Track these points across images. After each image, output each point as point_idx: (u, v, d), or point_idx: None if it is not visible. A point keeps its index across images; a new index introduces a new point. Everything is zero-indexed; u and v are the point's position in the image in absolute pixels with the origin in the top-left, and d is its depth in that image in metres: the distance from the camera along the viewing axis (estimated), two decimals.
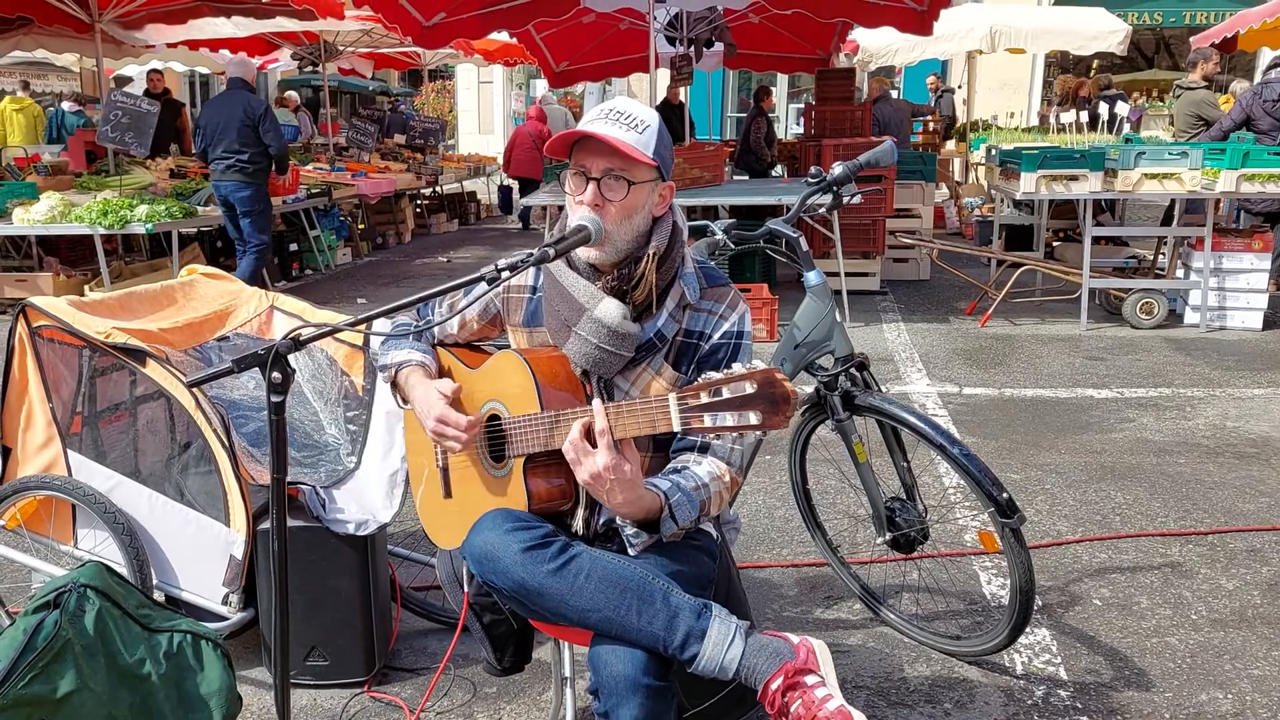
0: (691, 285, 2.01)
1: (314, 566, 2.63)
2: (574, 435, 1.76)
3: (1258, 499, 3.97)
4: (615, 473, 1.74)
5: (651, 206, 1.96)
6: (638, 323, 1.94)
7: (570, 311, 1.95)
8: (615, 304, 1.92)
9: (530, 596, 1.82)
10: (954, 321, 7.40)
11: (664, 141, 1.95)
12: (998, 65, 17.00)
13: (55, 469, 2.81)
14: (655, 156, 1.91)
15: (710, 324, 2.01)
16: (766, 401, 1.58)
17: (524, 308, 2.10)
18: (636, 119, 1.91)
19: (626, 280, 1.94)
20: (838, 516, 3.77)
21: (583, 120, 1.97)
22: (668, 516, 1.84)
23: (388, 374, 2.16)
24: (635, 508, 1.81)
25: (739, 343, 2.02)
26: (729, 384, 1.61)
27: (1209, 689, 2.68)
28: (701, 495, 1.89)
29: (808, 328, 2.95)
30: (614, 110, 1.92)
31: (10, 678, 1.95)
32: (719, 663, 1.78)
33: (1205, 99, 8.63)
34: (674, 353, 2.00)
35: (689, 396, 1.64)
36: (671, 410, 1.66)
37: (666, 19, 9.44)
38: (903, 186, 8.97)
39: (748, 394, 1.59)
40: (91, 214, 7.29)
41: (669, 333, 1.98)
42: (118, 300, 2.99)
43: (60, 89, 19.90)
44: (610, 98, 18.94)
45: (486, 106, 23.94)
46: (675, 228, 2.00)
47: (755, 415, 1.59)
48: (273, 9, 9.89)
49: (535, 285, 2.09)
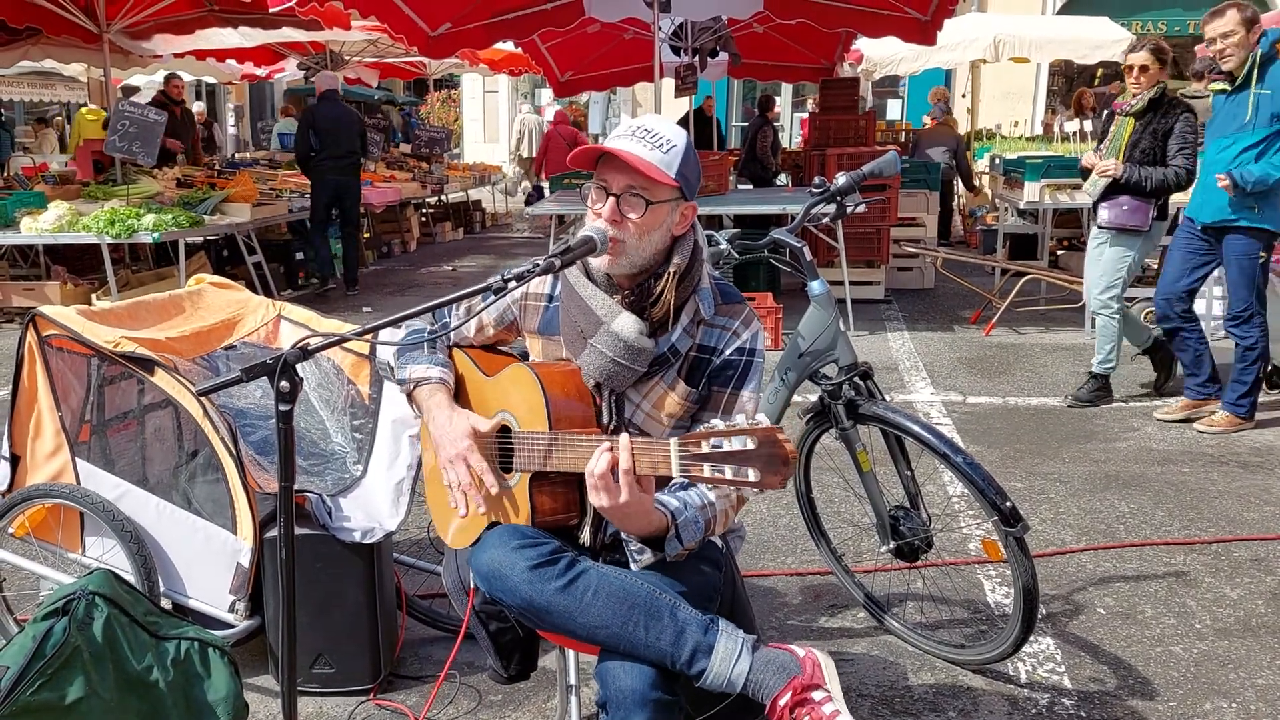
0: (707, 301, 2.02)
1: (320, 574, 2.64)
2: (602, 468, 1.74)
3: (1262, 508, 3.97)
4: (634, 506, 1.76)
5: (671, 225, 1.96)
6: (652, 338, 1.95)
7: (587, 323, 1.96)
8: (632, 319, 1.93)
9: (539, 614, 1.84)
10: (958, 330, 7.41)
11: (689, 162, 1.94)
12: (1001, 74, 17.01)
13: (64, 477, 2.82)
14: (678, 177, 1.91)
15: (723, 340, 2.02)
16: (765, 461, 1.59)
17: (540, 315, 2.11)
18: (663, 138, 1.91)
19: (645, 296, 1.95)
20: (842, 525, 3.77)
21: (611, 135, 1.98)
22: (673, 537, 1.85)
23: (406, 387, 2.14)
24: (645, 529, 1.84)
25: (750, 360, 2.02)
26: (731, 436, 1.61)
27: (1213, 698, 2.68)
28: (707, 515, 1.90)
29: (811, 337, 2.96)
30: (642, 128, 1.93)
31: (19, 684, 1.96)
32: (726, 678, 1.79)
33: (1208, 109, 8.62)
34: (687, 367, 2.01)
35: (690, 444, 1.65)
36: (672, 456, 1.67)
37: (671, 29, 9.47)
38: (907, 195, 8.99)
39: (748, 449, 1.59)
40: (99, 223, 7.32)
41: (683, 348, 1.99)
42: (126, 309, 3.01)
43: (69, 98, 20.00)
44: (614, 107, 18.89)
45: (492, 116, 23.99)
46: (696, 246, 2.01)
47: (753, 472, 1.59)
48: (279, 19, 9.93)
49: (552, 294, 2.10)
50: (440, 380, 2.11)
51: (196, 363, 2.96)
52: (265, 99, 23.67)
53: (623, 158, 1.87)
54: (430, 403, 2.08)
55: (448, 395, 2.10)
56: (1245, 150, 4.72)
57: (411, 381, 2.13)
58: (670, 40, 9.61)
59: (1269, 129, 4.66)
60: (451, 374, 2.15)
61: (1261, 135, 4.67)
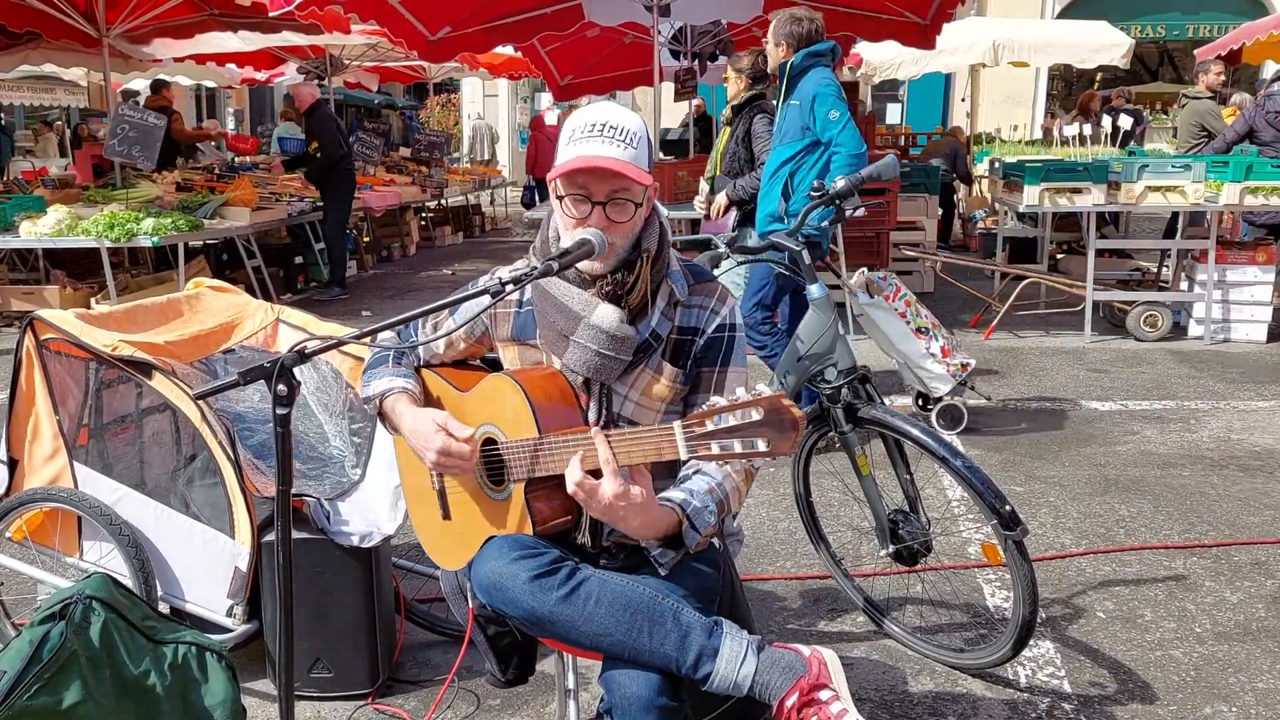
0: (679, 283, 2.01)
1: (318, 579, 2.63)
2: (577, 477, 1.72)
3: (1262, 511, 3.97)
4: (625, 499, 1.73)
5: (644, 212, 1.97)
6: (632, 325, 1.95)
7: (566, 321, 1.95)
8: (611, 309, 1.92)
9: (541, 624, 1.82)
10: (958, 334, 7.40)
11: (651, 146, 1.95)
12: (1001, 78, 17.02)
13: (61, 481, 2.82)
14: (649, 167, 1.92)
15: (703, 319, 2.01)
16: (774, 427, 1.58)
17: (511, 321, 2.07)
18: (629, 132, 1.88)
19: (620, 285, 1.94)
20: (841, 529, 3.77)
21: (573, 136, 1.91)
22: (689, 528, 1.83)
23: (372, 405, 2.10)
24: (653, 529, 1.81)
25: (733, 335, 2.01)
26: (735, 410, 1.60)
27: (1213, 702, 2.68)
28: (717, 495, 1.89)
29: (811, 340, 2.96)
30: (607, 126, 1.88)
31: (16, 689, 1.96)
32: (733, 680, 1.78)
33: (1209, 110, 8.64)
34: (670, 350, 2.00)
35: (694, 424, 1.63)
36: (678, 438, 1.66)
37: (670, 33, 9.47)
38: (907, 199, 8.98)
39: (754, 420, 1.58)
40: (98, 227, 7.32)
41: (663, 331, 1.98)
42: (124, 313, 3.01)
43: (69, 102, 20.02)
44: None
45: (492, 119, 24.02)
46: (662, 227, 2.00)
47: (763, 441, 1.58)
48: (279, 23, 9.93)
49: (522, 299, 2.06)
50: (403, 390, 2.06)
51: (195, 366, 2.96)
52: (265, 103, 23.71)
53: (605, 166, 1.85)
54: (397, 410, 2.04)
55: (412, 400, 2.05)
56: (784, 164, 4.75)
57: (375, 397, 2.08)
58: (670, 44, 9.62)
59: (801, 141, 4.69)
60: (417, 384, 2.10)
61: (796, 149, 4.71)
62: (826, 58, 4.75)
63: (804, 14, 4.87)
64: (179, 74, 14.22)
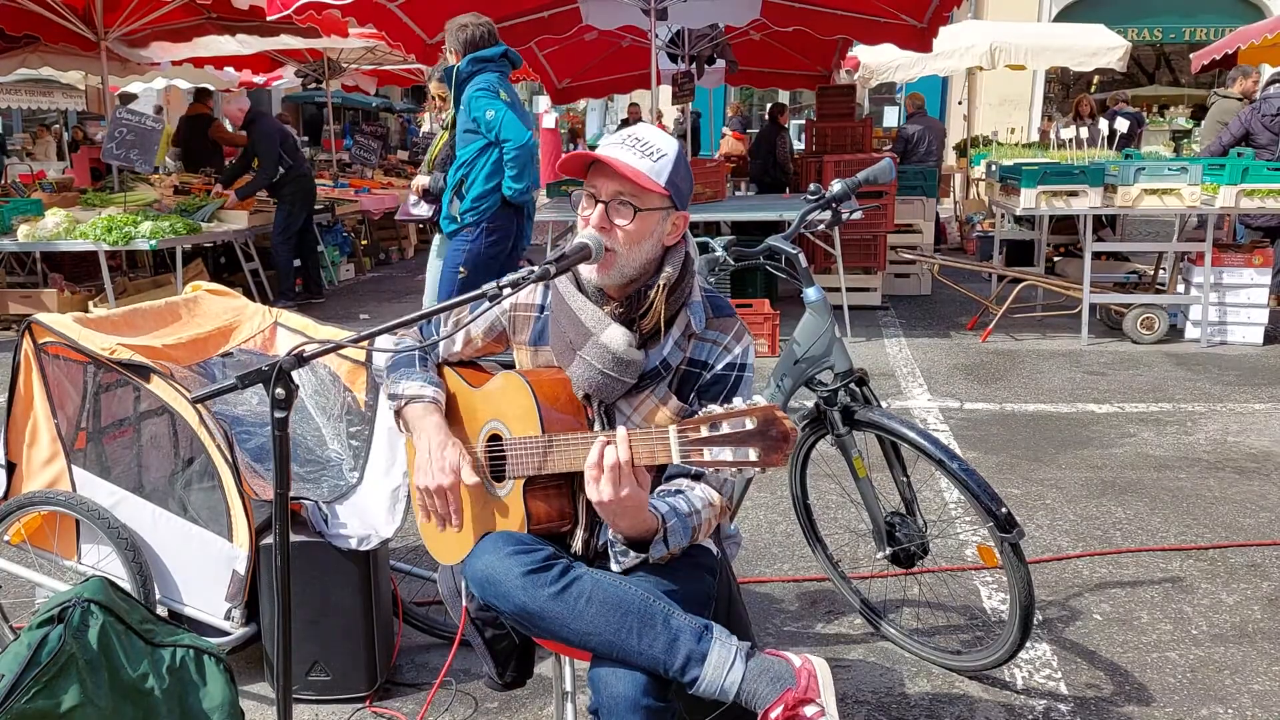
0: (698, 314, 2.01)
1: (316, 582, 2.64)
2: (609, 459, 1.73)
3: (1258, 514, 3.98)
4: (631, 500, 1.75)
5: (662, 235, 1.96)
6: (643, 350, 1.95)
7: (576, 334, 1.96)
8: (621, 331, 1.92)
9: (532, 620, 1.83)
10: (955, 337, 7.42)
11: (680, 171, 1.93)
12: (998, 81, 17.06)
13: (60, 484, 2.82)
14: (668, 185, 1.90)
15: (714, 355, 2.01)
16: (765, 439, 1.59)
17: (530, 326, 2.10)
18: (653, 146, 1.91)
19: (634, 308, 1.94)
20: (838, 531, 3.78)
21: (601, 144, 1.97)
22: (660, 540, 1.85)
23: (397, 404, 2.11)
24: (636, 530, 1.83)
25: (741, 375, 2.02)
26: (729, 419, 1.61)
27: (1209, 704, 2.68)
28: (693, 522, 1.90)
29: (807, 343, 2.96)
30: (632, 136, 1.93)
31: (14, 692, 1.96)
32: (719, 686, 1.78)
33: (1233, 110, 8.60)
34: (678, 381, 2.00)
35: (689, 430, 1.65)
36: (671, 442, 1.67)
37: (668, 36, 9.50)
38: (903, 202, 9.00)
39: (747, 430, 1.60)
40: (96, 230, 7.32)
41: (674, 361, 1.98)
42: (122, 317, 3.01)
43: (67, 106, 20.03)
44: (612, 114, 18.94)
45: None
46: (688, 258, 2.00)
47: (754, 452, 1.59)
48: (277, 27, 9.93)
49: (543, 304, 2.08)
50: (433, 400, 2.08)
51: (193, 370, 2.96)
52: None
53: (611, 164, 1.87)
54: (424, 423, 2.04)
55: (441, 418, 2.06)
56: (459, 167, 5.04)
57: (404, 398, 2.09)
58: (667, 47, 9.64)
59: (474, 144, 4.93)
60: (444, 394, 2.13)
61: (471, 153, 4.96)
62: (497, 62, 4.98)
63: (471, 20, 5.07)
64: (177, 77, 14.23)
